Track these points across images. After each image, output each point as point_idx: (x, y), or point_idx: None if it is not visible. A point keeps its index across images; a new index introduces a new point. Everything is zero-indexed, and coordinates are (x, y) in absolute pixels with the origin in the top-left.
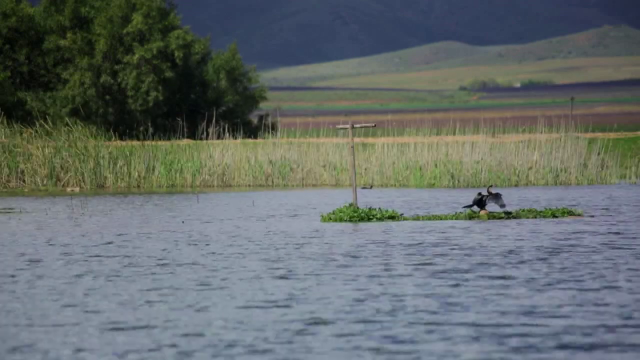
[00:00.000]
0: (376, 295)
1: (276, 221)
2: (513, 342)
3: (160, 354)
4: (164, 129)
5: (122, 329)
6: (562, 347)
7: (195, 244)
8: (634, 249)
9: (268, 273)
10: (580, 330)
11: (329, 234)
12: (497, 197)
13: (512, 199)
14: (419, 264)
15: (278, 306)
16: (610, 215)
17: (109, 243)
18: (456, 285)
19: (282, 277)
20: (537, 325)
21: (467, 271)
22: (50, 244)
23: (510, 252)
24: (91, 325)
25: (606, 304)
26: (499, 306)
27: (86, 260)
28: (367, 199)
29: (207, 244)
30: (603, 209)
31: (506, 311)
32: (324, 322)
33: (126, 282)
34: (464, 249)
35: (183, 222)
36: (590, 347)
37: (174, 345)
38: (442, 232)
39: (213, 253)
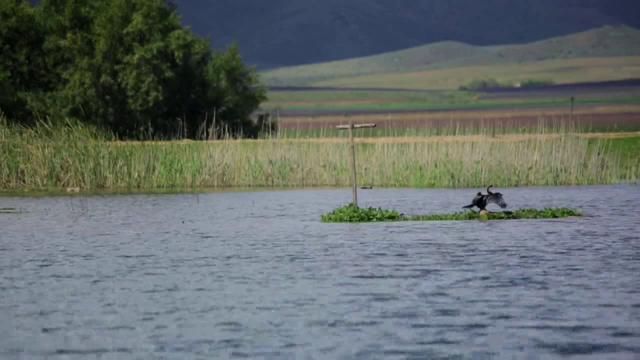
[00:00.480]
0: (373, 295)
1: (276, 221)
2: (507, 342)
3: (151, 355)
4: (164, 129)
5: (114, 329)
6: (555, 347)
7: (194, 244)
8: (634, 249)
9: (265, 273)
10: (575, 330)
11: (328, 234)
12: (497, 197)
13: (512, 199)
14: (417, 264)
15: (272, 306)
16: (610, 216)
17: (108, 243)
18: (454, 286)
19: (279, 277)
20: (532, 326)
21: (466, 271)
22: (49, 244)
23: (510, 252)
24: (82, 326)
25: (604, 305)
26: (495, 306)
27: (83, 260)
28: (367, 199)
29: (205, 244)
30: (603, 209)
31: (502, 311)
32: (319, 323)
33: (122, 282)
34: (463, 249)
35: (183, 222)
36: (586, 348)
37: (166, 346)
38: (442, 232)
39: (211, 253)
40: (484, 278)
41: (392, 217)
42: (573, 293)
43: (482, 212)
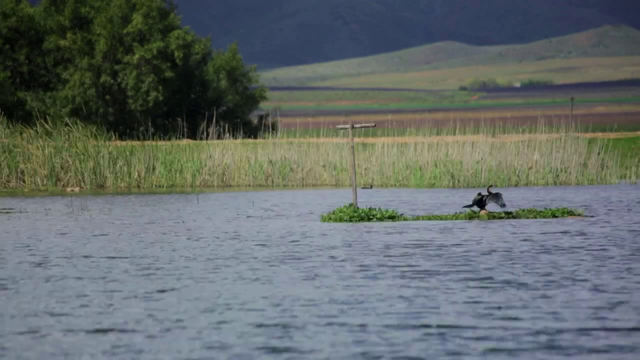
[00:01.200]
0: (371, 295)
1: (275, 221)
2: (497, 344)
3: (137, 356)
4: (164, 129)
5: (110, 330)
6: (546, 349)
7: (193, 244)
8: (633, 249)
9: (264, 273)
10: (571, 332)
11: (328, 234)
12: (497, 197)
13: (512, 199)
14: (416, 265)
15: (269, 306)
16: (610, 216)
17: (108, 243)
18: (452, 287)
19: (277, 277)
20: (526, 327)
21: (464, 272)
22: (48, 244)
23: (509, 252)
24: (73, 327)
25: (600, 307)
26: (492, 307)
27: (82, 261)
28: (367, 199)
29: (204, 244)
30: (603, 209)
31: (497, 313)
32: (316, 322)
33: (120, 283)
34: (462, 250)
35: (183, 221)
36: (578, 351)
37: (163, 346)
38: (442, 233)
39: (210, 253)
40: (482, 279)
41: (392, 217)
42: (571, 294)
43: (482, 212)
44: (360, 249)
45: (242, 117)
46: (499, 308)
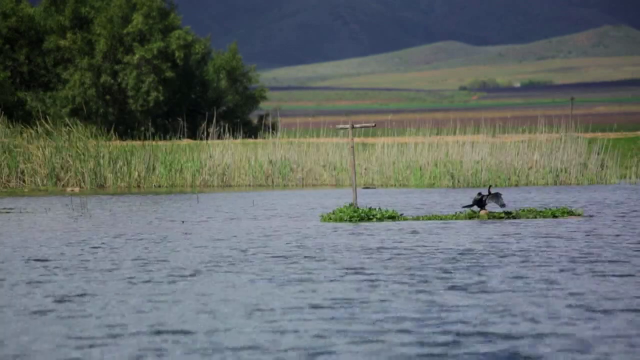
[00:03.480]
0: (370, 297)
1: (275, 221)
2: (496, 345)
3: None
4: (164, 129)
5: (107, 331)
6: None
7: (193, 244)
8: (632, 249)
9: (263, 273)
10: (566, 334)
11: (327, 234)
12: (497, 196)
13: (512, 199)
14: (415, 265)
15: (268, 306)
16: (610, 216)
17: (106, 244)
18: (451, 287)
19: (276, 278)
20: (527, 328)
21: (464, 273)
22: (47, 244)
23: (509, 253)
24: (76, 328)
25: (598, 309)
26: (489, 310)
27: (81, 261)
28: (368, 199)
29: (204, 245)
30: (603, 209)
31: (492, 316)
32: (315, 323)
33: (119, 283)
34: (461, 250)
35: (183, 221)
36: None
37: (161, 349)
38: (441, 233)
39: (210, 253)
40: (481, 280)
41: (392, 217)
42: (570, 296)
43: (482, 212)
44: (359, 249)
45: (242, 117)
46: (498, 309)
